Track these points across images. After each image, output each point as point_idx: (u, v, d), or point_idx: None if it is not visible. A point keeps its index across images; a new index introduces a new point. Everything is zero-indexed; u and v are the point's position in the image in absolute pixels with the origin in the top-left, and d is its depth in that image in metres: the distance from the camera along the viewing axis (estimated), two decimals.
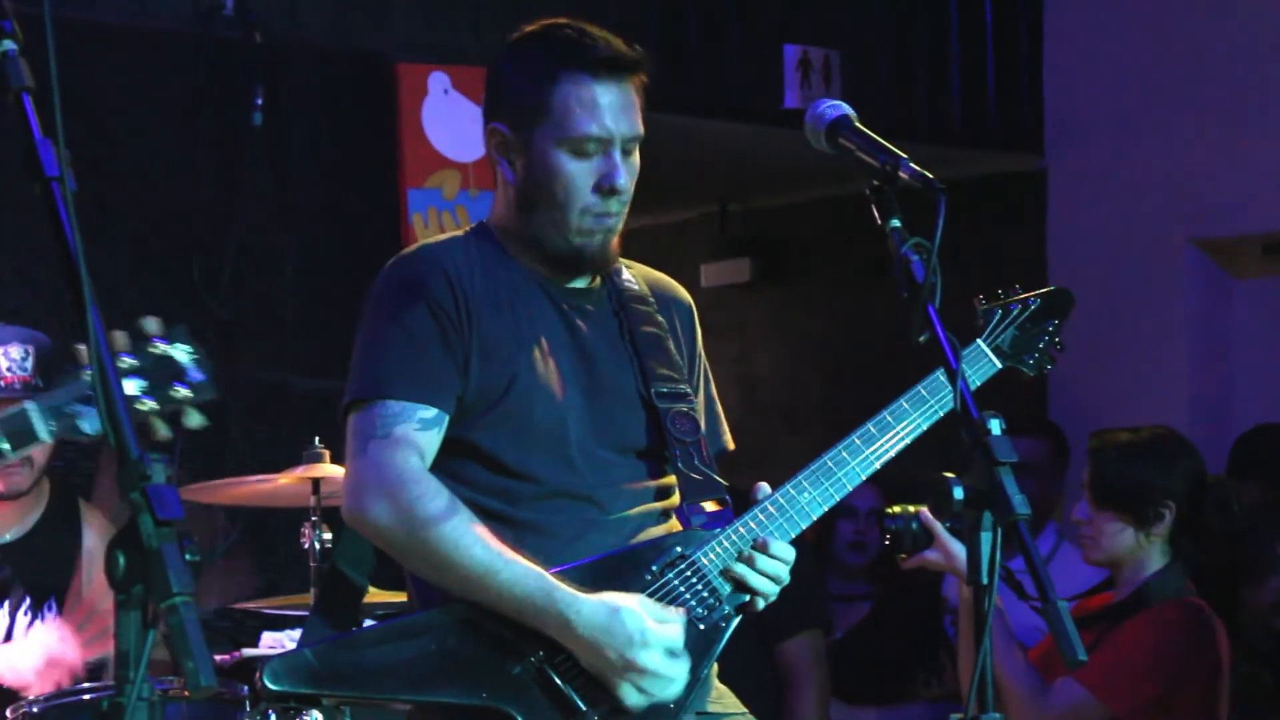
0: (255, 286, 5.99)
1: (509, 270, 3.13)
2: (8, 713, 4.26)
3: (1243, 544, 5.26)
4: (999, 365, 3.44)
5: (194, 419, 2.30)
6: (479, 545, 2.95)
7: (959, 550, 3.88)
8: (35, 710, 4.20)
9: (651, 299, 3.25)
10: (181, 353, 2.31)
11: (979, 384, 3.38)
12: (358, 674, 2.97)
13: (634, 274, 3.27)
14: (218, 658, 4.32)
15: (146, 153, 5.89)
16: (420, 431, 3.01)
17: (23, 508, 4.88)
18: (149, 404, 2.29)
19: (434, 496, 2.96)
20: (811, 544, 5.84)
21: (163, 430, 2.33)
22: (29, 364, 4.74)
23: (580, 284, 3.19)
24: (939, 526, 3.87)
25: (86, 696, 4.25)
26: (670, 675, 2.96)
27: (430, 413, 3.02)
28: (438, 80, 6.14)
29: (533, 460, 3.06)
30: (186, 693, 4.10)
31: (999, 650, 4.09)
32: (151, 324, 2.31)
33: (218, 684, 2.06)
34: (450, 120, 6.11)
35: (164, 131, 5.91)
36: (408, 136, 6.10)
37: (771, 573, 3.09)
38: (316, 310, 5.96)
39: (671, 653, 2.97)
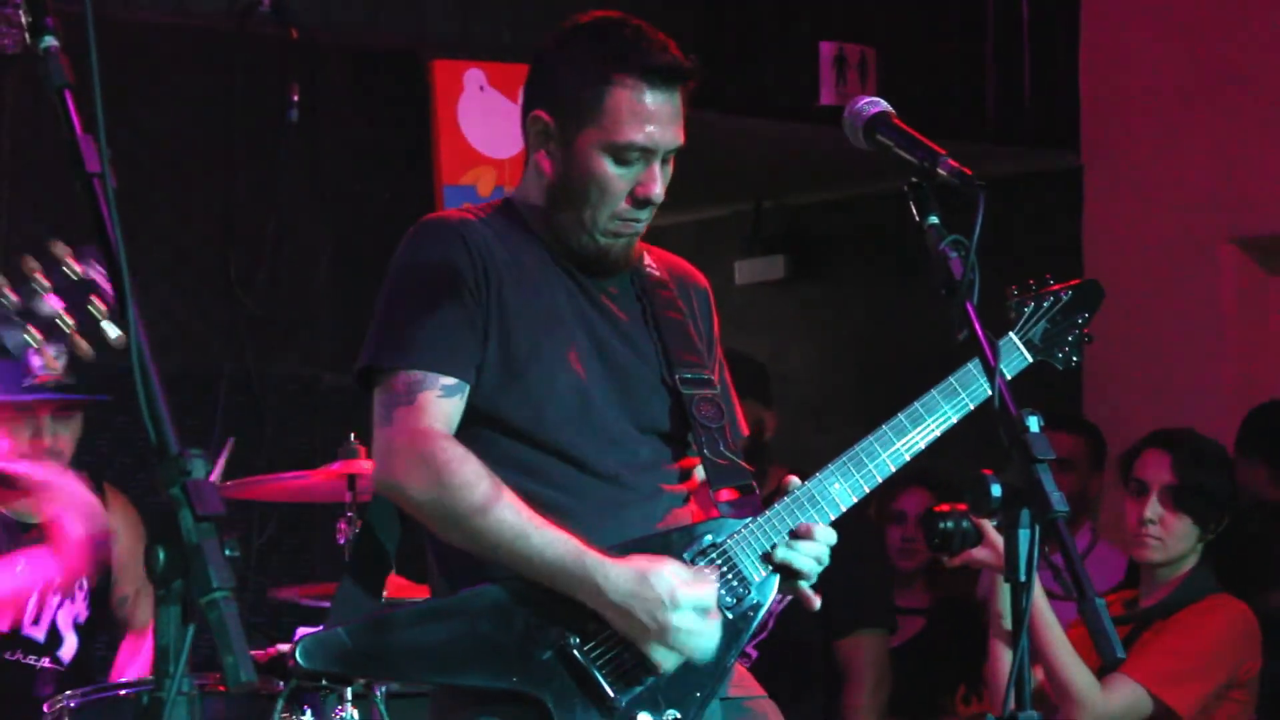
0: (290, 283, 6.01)
1: (533, 247, 3.14)
2: (45, 707, 4.28)
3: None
4: (1030, 359, 3.41)
5: (112, 332, 2.34)
6: (510, 510, 2.95)
7: None
8: (73, 705, 4.22)
9: (671, 284, 3.25)
10: (94, 271, 2.34)
11: (1010, 378, 3.35)
12: (389, 655, 2.99)
13: (653, 259, 3.27)
14: (253, 653, 4.32)
15: (182, 149, 5.91)
16: (443, 399, 3.02)
17: None
18: (69, 322, 2.33)
19: (464, 462, 2.97)
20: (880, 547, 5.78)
21: (84, 346, 2.38)
22: (62, 362, 4.76)
23: None
24: (988, 524, 3.85)
25: (123, 692, 4.26)
26: (703, 632, 2.95)
27: (451, 381, 3.03)
28: (473, 77, 6.15)
29: (556, 435, 3.06)
30: (223, 688, 4.11)
31: (1054, 646, 4.10)
32: (60, 248, 2.35)
33: (256, 679, 2.06)
34: (486, 117, 6.12)
35: (200, 128, 5.94)
36: (443, 133, 6.11)
37: (815, 555, 3.09)
38: (351, 306, 5.98)
39: (703, 611, 2.96)
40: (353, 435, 4.62)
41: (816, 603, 3.13)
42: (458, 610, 3.00)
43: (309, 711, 4.08)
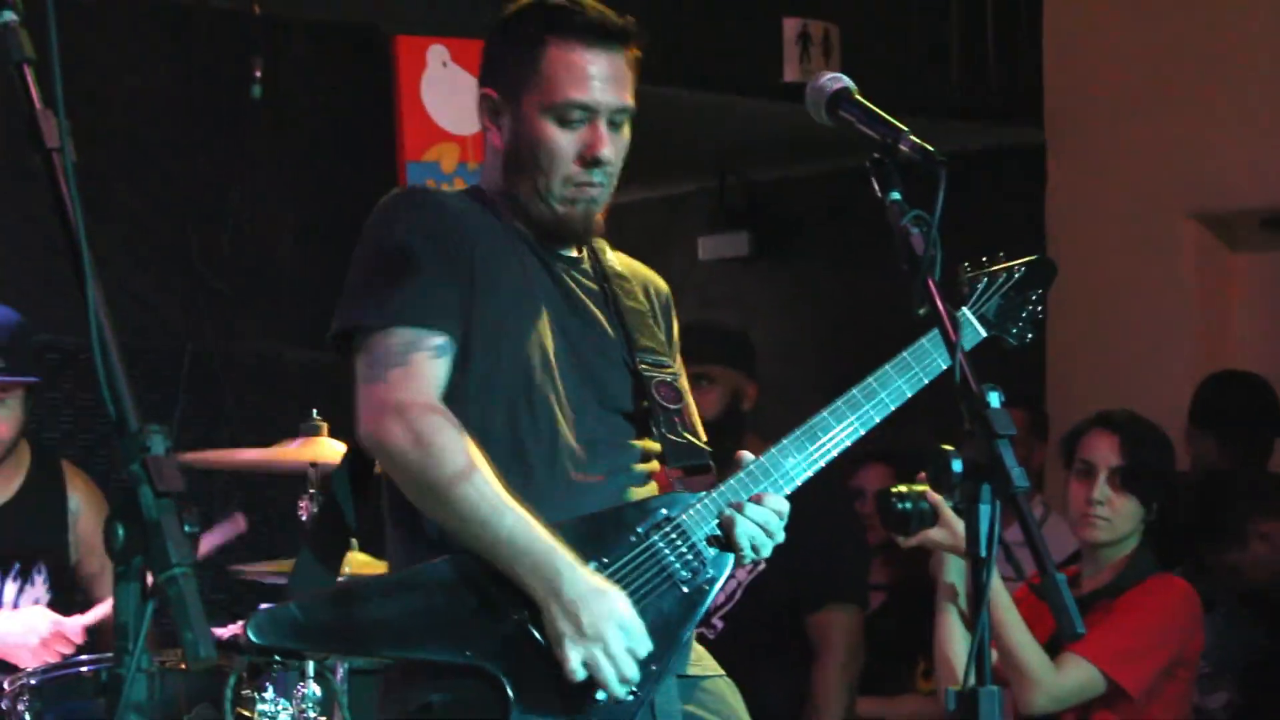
0: (252, 259, 5.99)
1: (498, 226, 3.16)
2: (5, 684, 4.27)
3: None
4: (984, 334, 3.43)
5: None
6: (487, 486, 2.95)
7: (963, 528, 3.87)
8: (33, 683, 4.21)
9: (633, 281, 3.28)
10: None
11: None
12: (343, 630, 2.96)
13: (615, 257, 3.30)
14: (215, 630, 4.32)
15: (144, 125, 5.89)
16: (434, 359, 3.01)
17: (4, 474, 4.87)
18: None
19: (448, 429, 2.97)
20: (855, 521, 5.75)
21: None
22: None
23: (568, 252, 3.21)
24: (944, 505, 3.85)
25: (85, 669, 4.25)
26: (625, 667, 2.95)
27: (442, 339, 3.03)
28: (436, 53, 6.13)
29: (519, 407, 3.06)
30: (183, 665, 4.10)
31: (1008, 626, 4.11)
32: None
33: (216, 656, 2.06)
34: (449, 93, 6.11)
35: (162, 103, 5.91)
36: (406, 109, 6.10)
37: (760, 520, 3.08)
38: (313, 283, 5.96)
39: (634, 655, 2.97)
40: (315, 411, 4.62)
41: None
42: (412, 584, 2.99)
43: (270, 688, 4.07)
